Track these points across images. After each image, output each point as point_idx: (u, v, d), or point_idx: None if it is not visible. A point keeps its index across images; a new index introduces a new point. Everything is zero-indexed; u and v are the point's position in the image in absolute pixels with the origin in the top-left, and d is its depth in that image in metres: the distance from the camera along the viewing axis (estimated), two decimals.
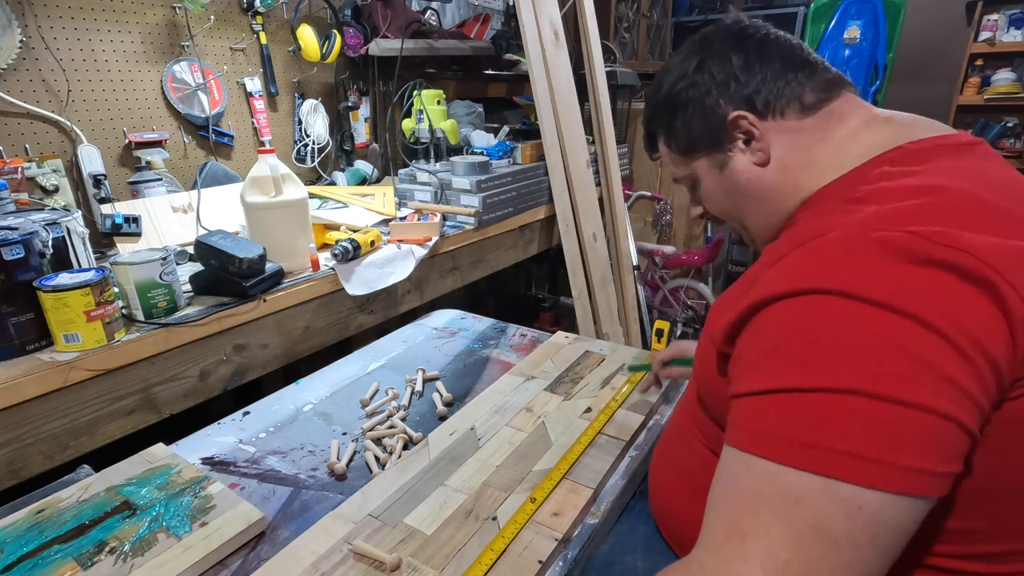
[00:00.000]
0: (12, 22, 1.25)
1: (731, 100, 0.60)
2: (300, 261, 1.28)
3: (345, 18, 1.85)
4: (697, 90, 0.62)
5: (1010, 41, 3.16)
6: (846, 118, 0.59)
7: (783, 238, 0.53)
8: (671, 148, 0.67)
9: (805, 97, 0.59)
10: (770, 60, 0.60)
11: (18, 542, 0.65)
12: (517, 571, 0.62)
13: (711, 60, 0.61)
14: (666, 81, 0.65)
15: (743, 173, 0.62)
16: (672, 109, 0.64)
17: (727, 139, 0.61)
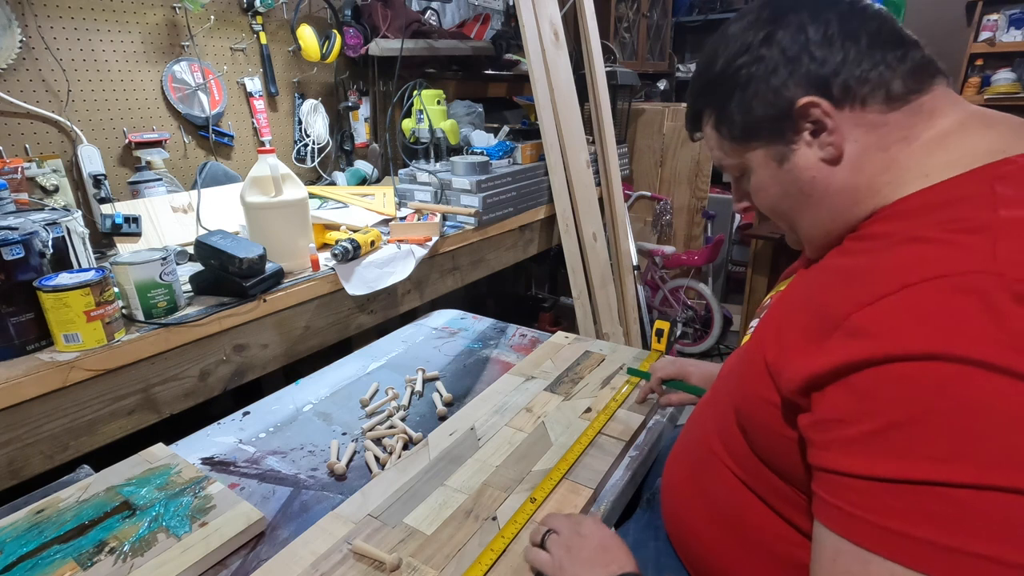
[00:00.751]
0: (12, 22, 1.25)
1: (802, 82, 0.50)
2: (300, 261, 1.28)
3: (345, 18, 1.85)
4: (762, 67, 0.51)
5: (1010, 41, 3.16)
6: (937, 116, 0.50)
7: (863, 258, 0.46)
8: (721, 133, 0.57)
9: (893, 85, 0.49)
10: (855, 35, 0.50)
11: (18, 542, 0.65)
12: (517, 571, 0.62)
13: (782, 31, 0.51)
14: (723, 53, 0.55)
15: (807, 170, 0.52)
16: (728, 87, 0.54)
17: (792, 128, 0.52)
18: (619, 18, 3.20)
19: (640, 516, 0.79)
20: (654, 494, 0.79)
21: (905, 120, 0.49)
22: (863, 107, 0.49)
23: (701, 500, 0.63)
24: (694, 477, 0.65)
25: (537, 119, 1.88)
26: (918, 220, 0.44)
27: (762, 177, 0.56)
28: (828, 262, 0.52)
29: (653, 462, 0.88)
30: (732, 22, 0.56)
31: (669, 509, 0.70)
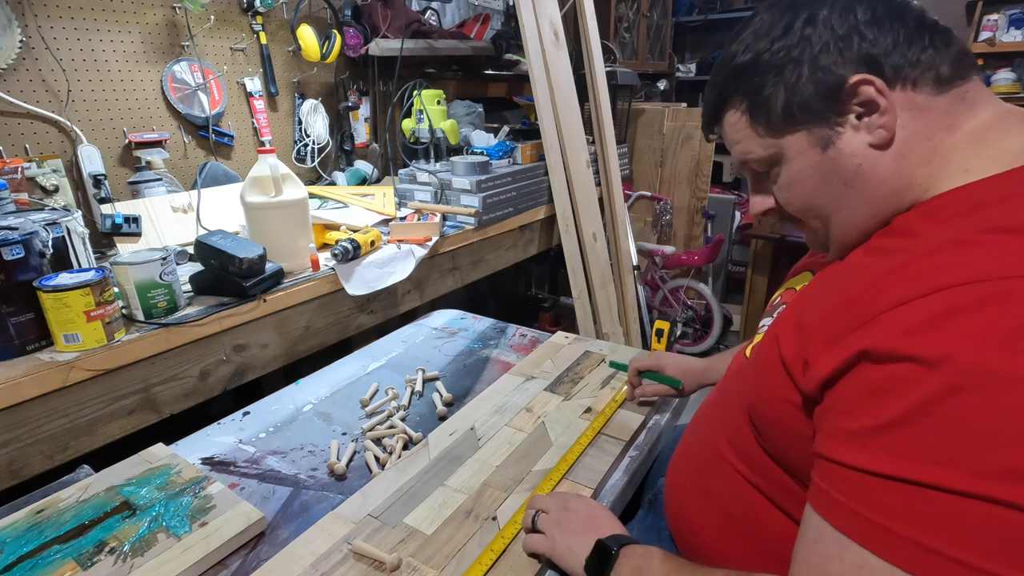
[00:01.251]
0: (12, 22, 1.25)
1: (853, 61, 0.48)
2: (300, 261, 1.28)
3: (345, 18, 1.85)
4: (808, 47, 0.49)
5: (1010, 41, 3.16)
6: (978, 106, 0.48)
7: (897, 258, 0.43)
8: (754, 119, 0.54)
9: (942, 69, 0.47)
10: (903, 17, 0.49)
11: (18, 542, 0.65)
12: (517, 571, 0.62)
13: (825, 11, 0.49)
14: (756, 39, 0.52)
15: (853, 157, 0.49)
16: (765, 71, 0.51)
17: (839, 110, 0.49)
18: (619, 18, 3.20)
19: (643, 517, 0.79)
20: (656, 495, 0.79)
21: (950, 107, 0.48)
22: (915, 88, 0.48)
23: (708, 502, 0.63)
24: (701, 479, 0.64)
25: (537, 119, 1.88)
26: (958, 223, 0.42)
27: (800, 167, 0.52)
28: (855, 260, 0.50)
29: (653, 462, 0.88)
30: (758, 13, 0.54)
31: (674, 511, 0.69)
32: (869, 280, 0.43)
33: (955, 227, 0.42)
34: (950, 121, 0.47)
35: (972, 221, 0.41)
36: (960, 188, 0.45)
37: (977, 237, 0.39)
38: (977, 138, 0.47)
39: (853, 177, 0.50)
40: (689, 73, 4.18)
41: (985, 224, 0.40)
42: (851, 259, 0.51)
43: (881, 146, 0.48)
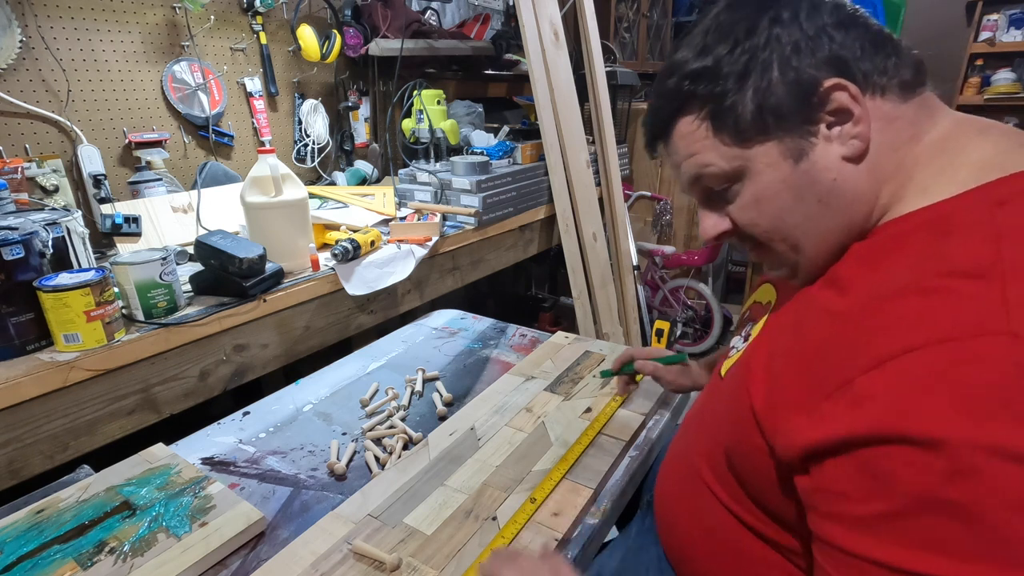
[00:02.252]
0: (12, 22, 1.25)
1: (824, 64, 0.44)
2: (300, 261, 1.28)
3: (345, 18, 1.85)
4: (776, 48, 0.45)
5: (1010, 41, 3.16)
6: (937, 113, 0.47)
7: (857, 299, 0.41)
8: (717, 127, 0.48)
9: (905, 74, 0.46)
10: (864, 24, 0.46)
11: (18, 542, 0.65)
12: None
13: (791, 12, 0.46)
14: (714, 44, 0.48)
15: (828, 170, 0.45)
16: (728, 75, 0.47)
17: (811, 118, 0.45)
18: (619, 18, 3.20)
19: (641, 519, 0.79)
20: (653, 498, 0.78)
21: (915, 115, 0.46)
22: (883, 96, 0.46)
23: (695, 524, 0.60)
24: (685, 499, 0.62)
25: (537, 119, 1.88)
26: (917, 260, 0.40)
27: (769, 181, 0.47)
28: (819, 295, 0.47)
29: (653, 462, 0.88)
30: (709, 14, 0.50)
31: (663, 523, 0.67)
32: (835, 332, 0.41)
33: (914, 270, 0.39)
34: (914, 131, 0.46)
35: (931, 258, 0.39)
36: (918, 212, 0.43)
37: (937, 282, 0.37)
38: (938, 150, 0.45)
39: (828, 194, 0.46)
40: None
41: (944, 265, 0.38)
42: (815, 294, 0.47)
43: (855, 159, 0.45)
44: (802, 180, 0.46)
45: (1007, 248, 0.36)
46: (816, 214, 0.47)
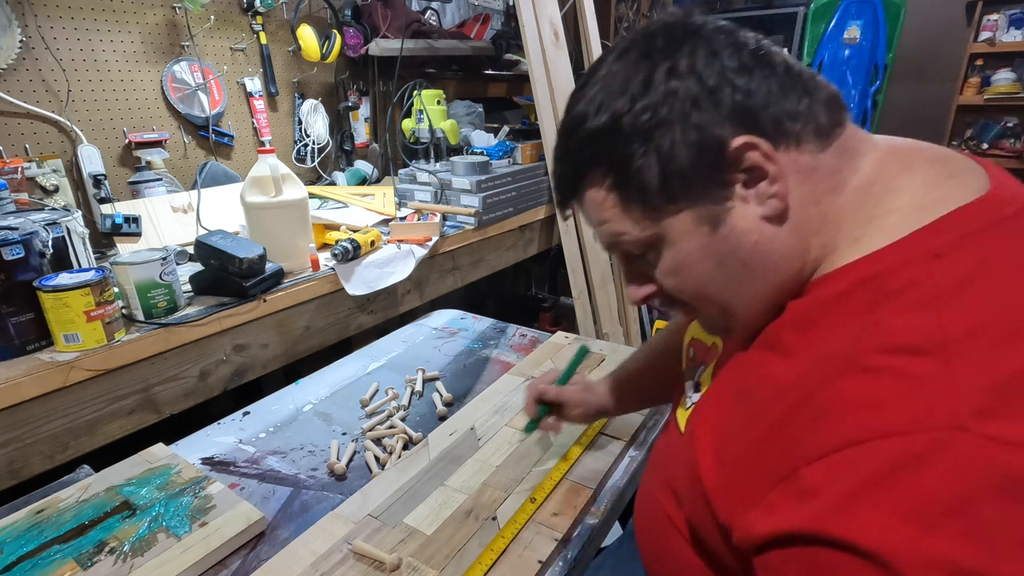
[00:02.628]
0: (12, 22, 1.25)
1: (729, 118, 0.40)
2: (300, 261, 1.28)
3: (345, 18, 1.85)
4: (675, 104, 0.40)
5: (1010, 41, 3.16)
6: (859, 155, 0.43)
7: (798, 365, 0.39)
8: (624, 198, 0.44)
9: (820, 118, 0.42)
10: (770, 63, 0.42)
11: (18, 542, 0.65)
12: (517, 571, 0.62)
13: (686, 60, 0.41)
14: (609, 99, 0.43)
15: (748, 233, 0.42)
16: (627, 138, 0.42)
17: (724, 180, 0.41)
18: (619, 18, 3.20)
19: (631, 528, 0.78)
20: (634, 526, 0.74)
21: (834, 162, 0.42)
22: (798, 146, 0.41)
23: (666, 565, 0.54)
24: (656, 538, 0.56)
25: (537, 119, 1.88)
26: (858, 331, 0.36)
27: (688, 250, 0.43)
28: (760, 361, 0.44)
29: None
30: (604, 63, 0.44)
31: (643, 556, 0.61)
32: (780, 407, 0.38)
33: (856, 336, 0.36)
34: (836, 180, 0.42)
35: (871, 329, 0.36)
36: (853, 266, 0.40)
37: (879, 360, 0.34)
38: (864, 196, 0.42)
39: (752, 257, 0.42)
40: None
41: (884, 338, 0.35)
42: (755, 355, 0.45)
43: (776, 218, 0.41)
44: (722, 246, 0.43)
45: (948, 316, 0.33)
46: (742, 278, 0.44)
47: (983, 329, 0.33)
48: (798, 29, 3.60)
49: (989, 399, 0.30)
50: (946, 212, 0.38)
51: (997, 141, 3.33)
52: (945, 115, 3.44)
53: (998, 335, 0.32)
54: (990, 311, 0.33)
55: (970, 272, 0.35)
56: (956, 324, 0.33)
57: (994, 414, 0.30)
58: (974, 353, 0.32)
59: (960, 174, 0.41)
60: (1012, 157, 3.28)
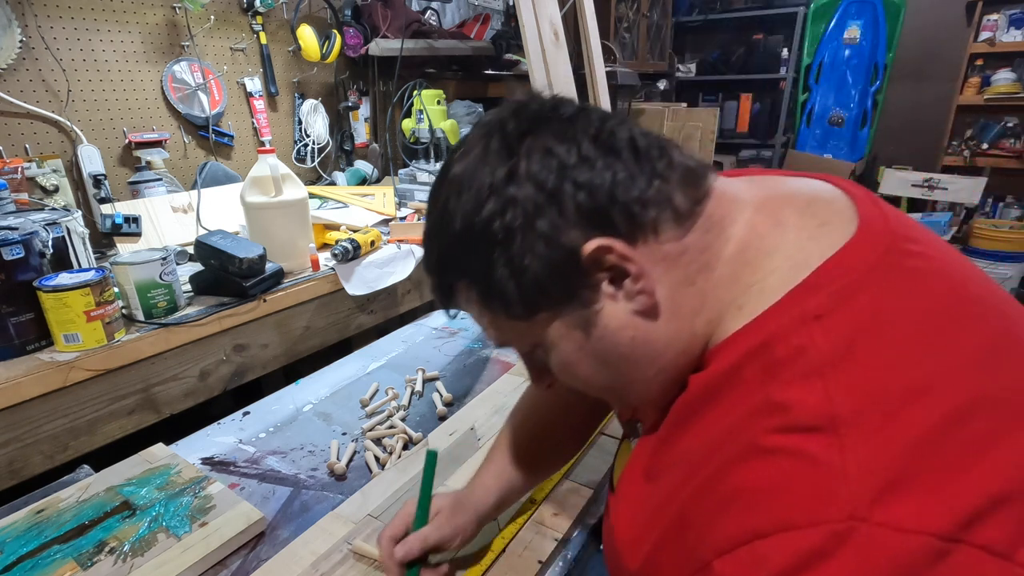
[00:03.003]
0: (12, 22, 1.25)
1: (577, 221, 0.38)
2: (300, 261, 1.28)
3: (345, 18, 1.85)
4: (519, 212, 0.38)
5: (1010, 41, 3.16)
6: (727, 222, 0.41)
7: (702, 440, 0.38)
8: (491, 309, 0.43)
9: (676, 200, 0.40)
10: (613, 148, 0.39)
11: (18, 542, 0.65)
12: (517, 571, 0.62)
13: (525, 161, 0.39)
14: (459, 203, 0.40)
15: (623, 330, 0.41)
16: (482, 247, 0.40)
17: (587, 284, 0.40)
18: (619, 18, 3.20)
19: None
20: None
21: (701, 239, 0.40)
22: (657, 236, 0.39)
23: None
24: None
25: None
26: (753, 409, 0.35)
27: (567, 351, 0.43)
28: (668, 438, 0.42)
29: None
30: (457, 160, 0.42)
31: None
32: (690, 492, 0.37)
33: (752, 414, 0.35)
34: (707, 258, 0.40)
35: (765, 407, 0.35)
36: (741, 334, 0.38)
37: (774, 440, 0.33)
38: (739, 265, 0.40)
39: (633, 351, 0.41)
40: (689, 73, 4.17)
41: (777, 417, 0.34)
42: (663, 433, 0.43)
43: (648, 312, 0.40)
44: (599, 346, 0.42)
45: (834, 387, 0.33)
46: (627, 370, 0.43)
47: (869, 400, 0.32)
48: (798, 29, 3.60)
49: (884, 479, 0.30)
50: (820, 264, 0.37)
51: (997, 141, 3.33)
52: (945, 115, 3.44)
53: (883, 405, 0.31)
54: (873, 379, 0.32)
55: (849, 337, 0.34)
56: (843, 397, 0.32)
57: (890, 497, 0.29)
58: (864, 427, 0.31)
59: (831, 219, 0.40)
60: (1012, 157, 3.29)
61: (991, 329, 0.35)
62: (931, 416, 0.31)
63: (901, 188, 3.14)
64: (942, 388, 0.32)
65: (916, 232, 0.40)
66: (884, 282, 0.36)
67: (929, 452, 0.30)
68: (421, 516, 0.59)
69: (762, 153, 3.93)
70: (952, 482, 0.29)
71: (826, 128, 3.60)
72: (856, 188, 0.43)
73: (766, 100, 3.93)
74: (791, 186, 0.44)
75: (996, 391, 0.32)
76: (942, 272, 0.38)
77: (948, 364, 0.33)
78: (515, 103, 0.43)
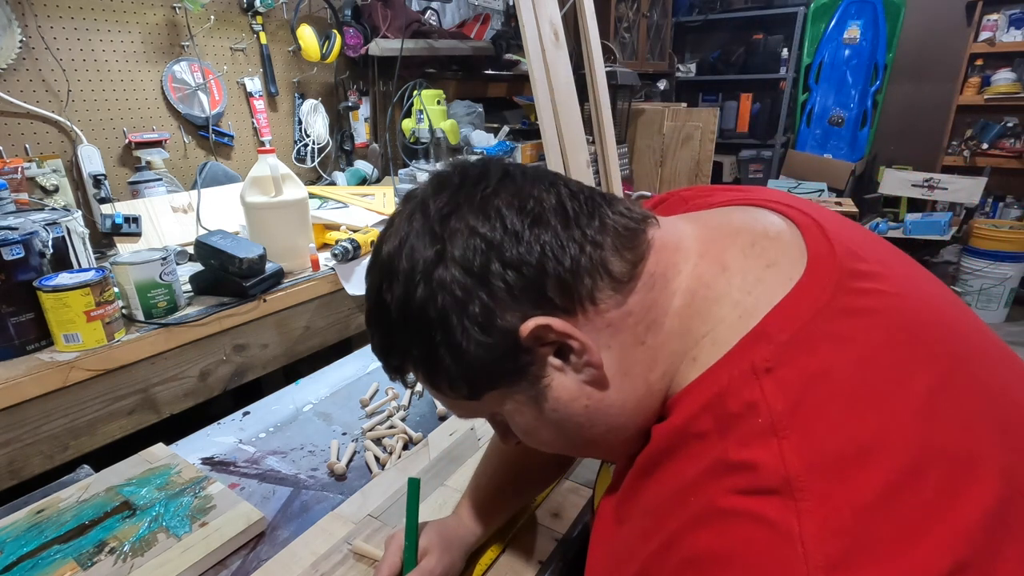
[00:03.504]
0: (12, 22, 1.25)
1: (510, 302, 0.37)
2: (300, 261, 1.28)
3: (345, 18, 1.85)
4: (448, 296, 0.37)
5: (1010, 41, 3.16)
6: (671, 276, 0.40)
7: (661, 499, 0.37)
8: (442, 392, 0.43)
9: (611, 265, 0.38)
10: (539, 217, 0.38)
11: (18, 542, 0.65)
12: (517, 571, 0.62)
13: (450, 243, 0.38)
14: (392, 286, 0.40)
15: (576, 400, 0.40)
16: (421, 331, 0.39)
17: (530, 361, 0.39)
18: (619, 18, 3.20)
19: None
20: None
21: (644, 298, 0.39)
22: (596, 305, 0.38)
23: None
24: None
25: (537, 119, 1.88)
26: (710, 468, 0.34)
27: (524, 422, 0.43)
28: (634, 487, 0.41)
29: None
30: (386, 240, 0.41)
31: None
32: (650, 550, 0.36)
33: (709, 473, 0.34)
34: (654, 315, 0.39)
35: (721, 467, 0.34)
36: (695, 384, 0.38)
37: (731, 502, 0.32)
38: (687, 319, 0.39)
39: (589, 418, 0.41)
40: (689, 73, 4.18)
41: (734, 479, 0.33)
42: (630, 481, 0.42)
43: (598, 383, 0.40)
44: (554, 417, 0.41)
45: (787, 447, 0.32)
46: (585, 434, 0.42)
47: (820, 462, 0.31)
48: (798, 29, 3.60)
49: (839, 548, 0.29)
50: (767, 312, 0.36)
51: (997, 141, 3.33)
52: (945, 115, 3.44)
53: (834, 468, 0.31)
54: (823, 439, 0.32)
55: (798, 392, 0.33)
56: (795, 458, 0.31)
57: (847, 566, 0.28)
58: (817, 491, 0.30)
59: (778, 258, 0.39)
60: (1012, 157, 3.29)
61: (941, 372, 0.34)
62: (881, 478, 0.30)
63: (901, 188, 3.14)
64: (891, 446, 0.31)
65: (867, 261, 0.39)
66: (831, 328, 0.35)
67: (882, 517, 0.29)
68: (410, 556, 0.58)
69: (762, 153, 3.93)
70: (906, 552, 0.28)
71: (826, 128, 3.60)
72: (803, 216, 0.42)
73: (766, 100, 3.93)
74: (735, 222, 0.43)
75: (943, 444, 0.31)
76: (892, 310, 0.37)
77: (895, 419, 0.32)
78: (438, 176, 0.42)
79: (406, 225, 0.40)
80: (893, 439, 0.31)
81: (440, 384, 0.42)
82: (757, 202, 0.46)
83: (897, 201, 3.33)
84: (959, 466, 0.31)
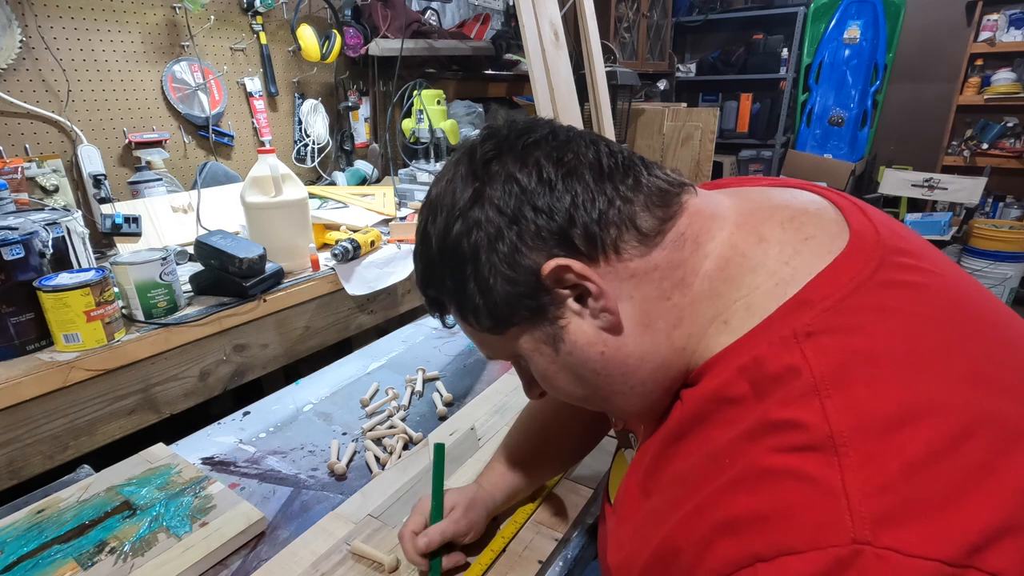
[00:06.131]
0: (12, 22, 1.25)
1: (537, 242, 0.40)
2: (300, 261, 1.28)
3: (345, 18, 1.85)
4: (482, 233, 0.41)
5: (1010, 41, 3.16)
6: (703, 239, 0.41)
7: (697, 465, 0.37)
8: (470, 323, 0.45)
9: (639, 220, 0.40)
10: (576, 171, 0.40)
11: (18, 542, 0.65)
12: (517, 571, 0.62)
13: (489, 187, 0.41)
14: (435, 223, 0.43)
15: (592, 346, 0.41)
16: (455, 266, 0.43)
17: (551, 301, 0.41)
18: (619, 18, 3.21)
19: None
20: None
21: (672, 256, 0.40)
22: (619, 255, 0.40)
23: None
24: None
25: None
26: (749, 428, 0.34)
27: (542, 365, 0.44)
28: (663, 453, 0.42)
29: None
30: (434, 183, 0.45)
31: None
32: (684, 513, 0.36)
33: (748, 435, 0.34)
34: (682, 273, 0.40)
35: (762, 427, 0.34)
36: (729, 351, 0.38)
37: (772, 460, 0.32)
38: (718, 282, 0.40)
39: (605, 366, 0.42)
40: (689, 73, 4.18)
41: (775, 438, 0.33)
42: (657, 446, 0.42)
43: (614, 329, 0.41)
44: (570, 360, 0.43)
45: (831, 407, 0.32)
46: (604, 383, 0.43)
47: (866, 422, 0.31)
48: (798, 29, 3.60)
49: (885, 503, 0.29)
50: (808, 281, 0.37)
51: (997, 141, 3.33)
52: (945, 115, 3.44)
53: (880, 427, 0.31)
54: (868, 401, 0.32)
55: (842, 357, 0.33)
56: (840, 417, 0.31)
57: (893, 521, 0.28)
58: (862, 449, 0.30)
59: (816, 232, 0.39)
60: (1012, 157, 3.29)
61: (985, 344, 0.35)
62: (928, 439, 0.30)
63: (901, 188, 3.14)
64: (937, 410, 0.31)
65: (908, 243, 0.39)
66: (876, 299, 0.35)
67: (929, 476, 0.29)
68: (436, 511, 0.63)
69: (762, 153, 3.93)
70: (954, 508, 0.28)
71: (826, 128, 3.60)
72: (843, 198, 0.42)
73: (766, 100, 3.93)
74: (774, 198, 0.44)
75: (991, 410, 0.31)
76: (935, 286, 0.37)
77: (942, 385, 0.32)
78: (488, 128, 0.45)
79: (453, 168, 0.44)
80: (941, 402, 0.31)
81: (468, 317, 0.45)
82: (798, 186, 0.46)
83: (897, 201, 3.33)
84: (1008, 431, 0.31)
